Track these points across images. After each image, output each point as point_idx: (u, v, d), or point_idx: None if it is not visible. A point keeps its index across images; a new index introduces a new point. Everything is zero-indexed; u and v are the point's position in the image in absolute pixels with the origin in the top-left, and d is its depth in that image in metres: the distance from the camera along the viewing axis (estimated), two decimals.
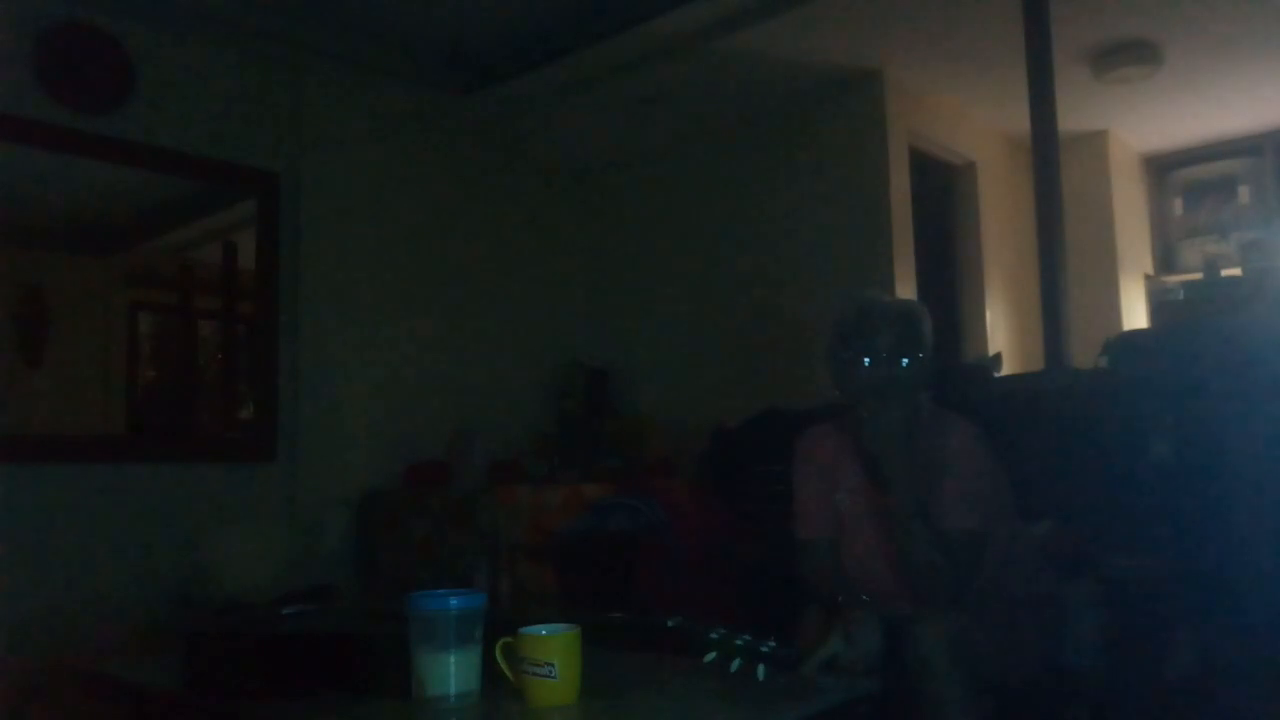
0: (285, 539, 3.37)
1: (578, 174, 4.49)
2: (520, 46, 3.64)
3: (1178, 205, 4.69)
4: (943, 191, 4.18)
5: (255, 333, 3.43)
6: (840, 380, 1.95)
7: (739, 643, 1.46)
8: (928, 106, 3.88)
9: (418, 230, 3.85)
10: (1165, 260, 4.66)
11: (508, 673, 1.41)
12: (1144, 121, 4.28)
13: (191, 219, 3.50)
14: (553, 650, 1.37)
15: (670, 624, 1.62)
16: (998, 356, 3.76)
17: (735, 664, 1.44)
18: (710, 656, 1.47)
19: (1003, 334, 4.22)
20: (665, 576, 2.90)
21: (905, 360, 1.89)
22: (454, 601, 1.37)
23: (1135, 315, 4.37)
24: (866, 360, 1.89)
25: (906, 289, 3.59)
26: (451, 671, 1.36)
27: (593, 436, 3.94)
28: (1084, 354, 3.03)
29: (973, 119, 4.16)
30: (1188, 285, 4.00)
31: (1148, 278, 4.54)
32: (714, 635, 1.48)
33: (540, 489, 3.31)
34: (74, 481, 2.94)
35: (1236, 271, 3.76)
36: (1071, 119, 3.53)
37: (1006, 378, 3.58)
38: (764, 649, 1.44)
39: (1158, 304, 4.28)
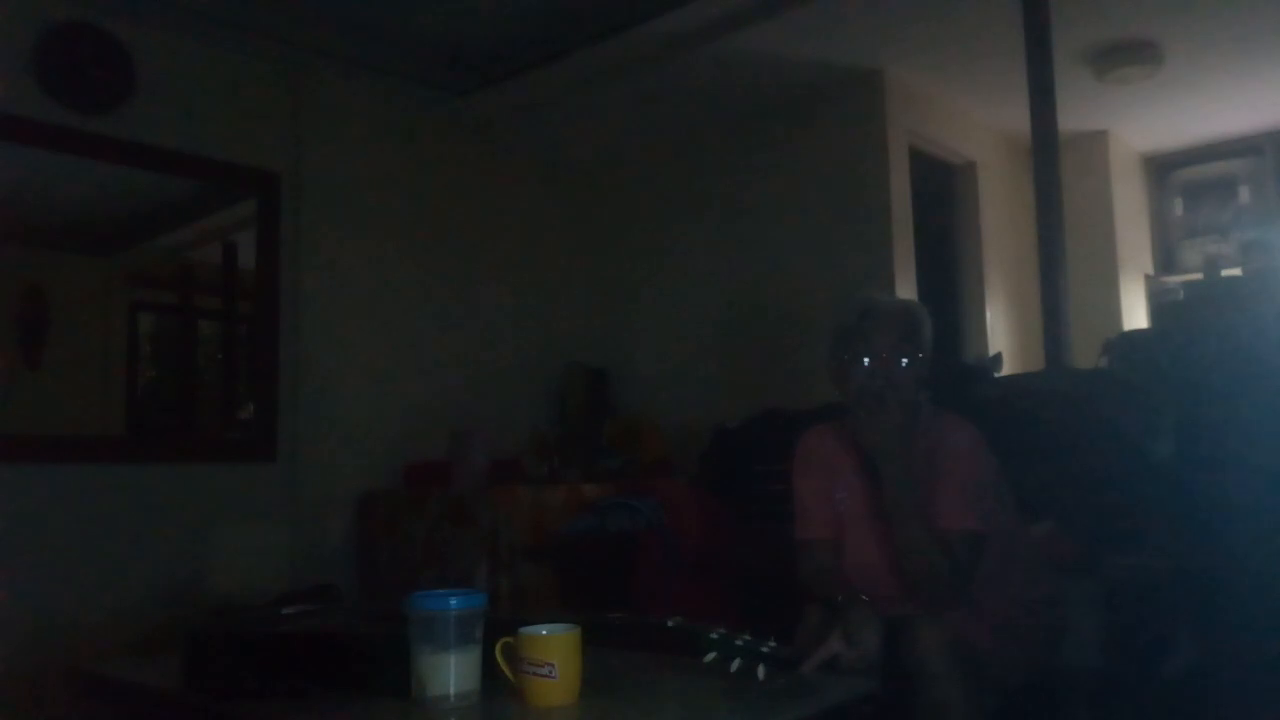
0: (285, 539, 3.37)
1: (578, 174, 4.49)
2: (520, 47, 3.64)
3: (1178, 205, 4.69)
4: (943, 191, 4.18)
5: (255, 333, 3.43)
6: (840, 380, 1.96)
7: (739, 643, 1.45)
8: (928, 106, 3.88)
9: (418, 230, 3.85)
10: (1165, 260, 4.66)
11: (508, 673, 1.41)
12: (1144, 121, 4.28)
13: (191, 219, 3.50)
14: (553, 650, 1.37)
15: (670, 624, 1.62)
16: (998, 356, 3.76)
17: (735, 664, 1.44)
18: (710, 656, 1.47)
19: (1003, 334, 4.22)
20: (665, 576, 2.90)
21: (905, 360, 1.89)
22: (454, 601, 1.37)
23: (1135, 315, 4.37)
24: (866, 360, 1.90)
25: (906, 289, 3.59)
26: (451, 671, 1.36)
27: (593, 436, 3.94)
28: (1084, 354, 3.03)
29: (973, 119, 4.16)
30: (1188, 285, 4.00)
31: (1148, 278, 4.54)
32: (714, 635, 1.48)
33: (540, 489, 3.31)
34: (74, 481, 2.94)
35: (1236, 271, 3.76)
36: (1071, 119, 3.53)
37: (1006, 378, 3.58)
38: (764, 649, 1.44)
39: (1158, 304, 4.28)
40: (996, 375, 3.39)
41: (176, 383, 3.47)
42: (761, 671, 1.42)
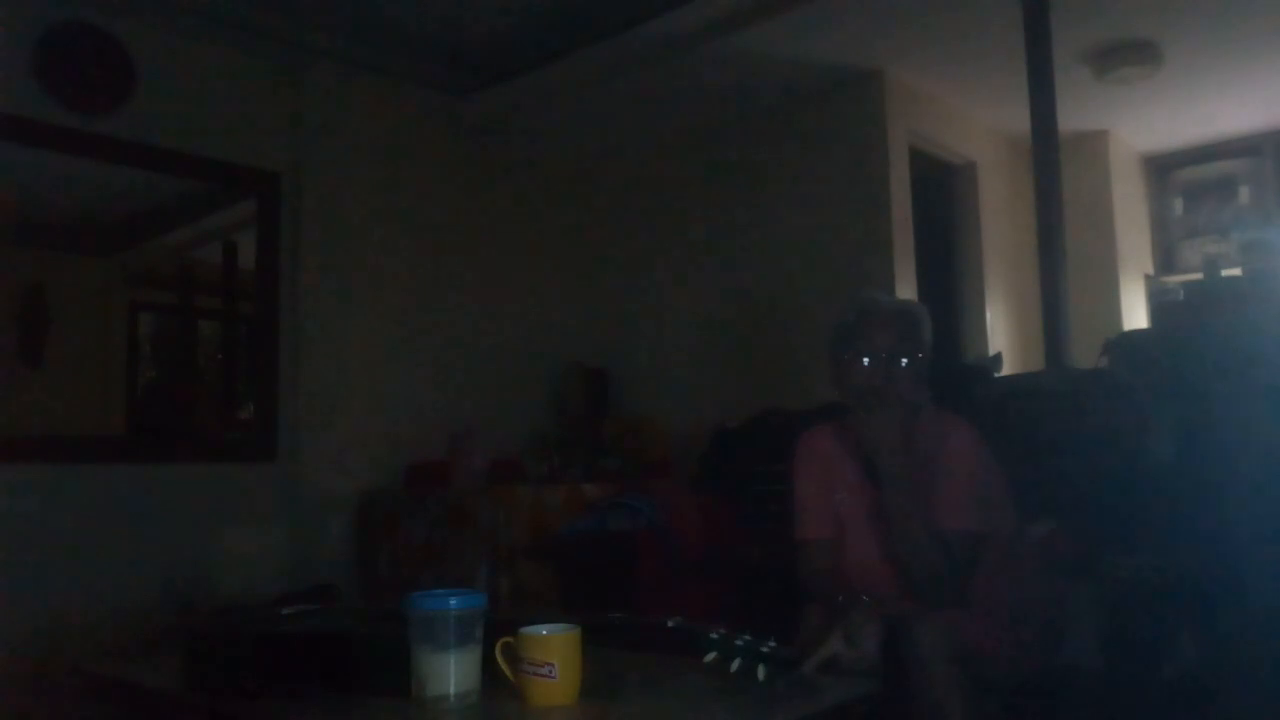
0: (285, 539, 3.37)
1: (578, 174, 4.49)
2: (520, 47, 3.64)
3: (1178, 205, 4.69)
4: (943, 191, 4.18)
5: (255, 333, 3.43)
6: (840, 380, 1.96)
7: (739, 643, 1.45)
8: (928, 106, 3.88)
9: (417, 230, 3.85)
10: (1165, 260, 4.66)
11: (508, 673, 1.41)
12: (1144, 121, 4.27)
13: (191, 219, 3.50)
14: (553, 650, 1.37)
15: (670, 624, 1.62)
16: (998, 356, 3.76)
17: (735, 664, 1.44)
18: (710, 656, 1.47)
19: (1003, 334, 4.22)
20: (665, 576, 2.90)
21: (905, 360, 1.89)
22: (454, 601, 1.37)
23: (1135, 315, 4.37)
24: (866, 360, 1.90)
25: (906, 289, 3.59)
26: (451, 671, 1.36)
27: (593, 436, 3.94)
28: (1084, 354, 3.03)
29: (973, 119, 4.16)
30: (1188, 285, 3.99)
31: (1148, 278, 4.54)
32: (714, 635, 1.48)
33: (540, 489, 3.31)
34: (74, 481, 2.94)
35: (1236, 271, 3.76)
36: (1071, 119, 3.53)
37: (1006, 378, 3.58)
38: (764, 649, 1.44)
39: (1158, 304, 4.27)
40: (996, 375, 3.39)
41: (176, 383, 3.48)
42: (761, 671, 1.42)
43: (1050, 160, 3.10)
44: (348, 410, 3.55)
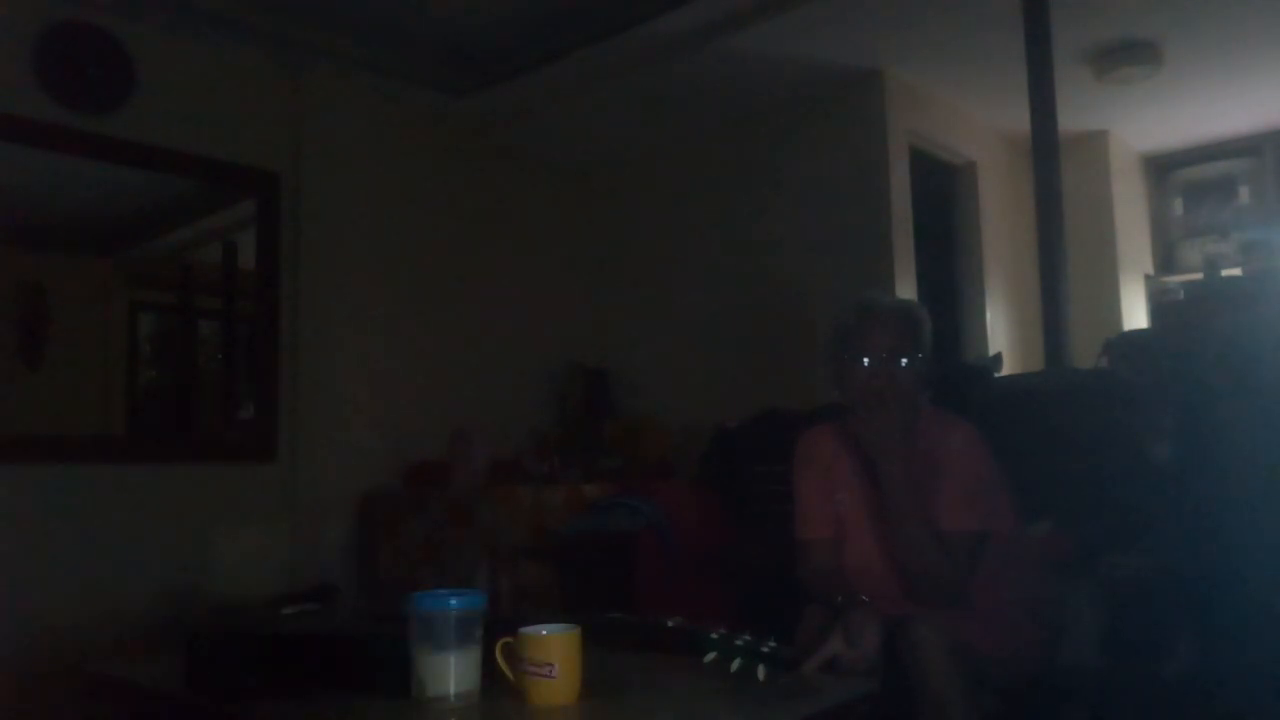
0: (285, 539, 3.37)
1: (578, 174, 4.49)
2: (520, 46, 3.64)
3: (1178, 205, 4.69)
4: (943, 191, 4.18)
5: (255, 332, 3.43)
6: (840, 381, 1.96)
7: (739, 643, 1.46)
8: (928, 106, 3.88)
9: (418, 230, 3.85)
10: (1165, 260, 4.66)
11: (508, 673, 1.41)
12: (1144, 121, 4.28)
13: (191, 219, 3.50)
14: (553, 650, 1.38)
15: (670, 624, 1.62)
16: (998, 356, 3.76)
17: (735, 664, 1.44)
18: (710, 656, 1.47)
19: (1003, 334, 4.22)
20: (665, 576, 2.90)
21: (904, 361, 1.89)
22: (454, 601, 1.37)
23: (1135, 315, 4.37)
24: (866, 361, 1.90)
25: (906, 289, 3.59)
26: (451, 671, 1.36)
27: (593, 436, 3.94)
28: (1084, 354, 3.03)
29: (973, 119, 4.16)
30: (1188, 285, 4.00)
31: (1148, 278, 4.54)
32: (714, 635, 1.48)
33: (540, 489, 3.31)
34: (74, 481, 2.94)
35: (1236, 271, 3.76)
36: (1071, 119, 3.53)
37: (1006, 378, 3.58)
38: (764, 649, 1.44)
39: (1158, 304, 4.28)
40: (996, 375, 3.38)
41: (176, 383, 3.47)
42: (761, 671, 1.42)
43: (1050, 160, 3.10)
44: (348, 410, 3.54)
